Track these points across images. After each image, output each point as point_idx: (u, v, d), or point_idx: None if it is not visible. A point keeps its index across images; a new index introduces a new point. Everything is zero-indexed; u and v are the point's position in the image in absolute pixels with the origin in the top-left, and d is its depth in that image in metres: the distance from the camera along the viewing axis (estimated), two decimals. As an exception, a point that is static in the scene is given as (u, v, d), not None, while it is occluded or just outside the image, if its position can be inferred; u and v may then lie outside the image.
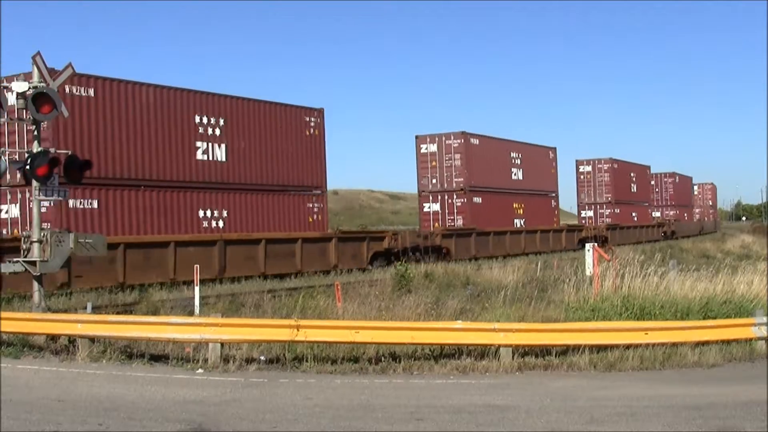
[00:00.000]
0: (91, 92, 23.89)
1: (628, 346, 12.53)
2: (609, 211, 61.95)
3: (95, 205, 23.69)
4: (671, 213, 78.52)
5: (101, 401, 9.81)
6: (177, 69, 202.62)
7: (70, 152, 16.22)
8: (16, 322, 13.45)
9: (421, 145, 43.11)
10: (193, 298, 17.54)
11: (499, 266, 26.42)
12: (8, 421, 8.66)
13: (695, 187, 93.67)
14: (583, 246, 43.06)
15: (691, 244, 54.28)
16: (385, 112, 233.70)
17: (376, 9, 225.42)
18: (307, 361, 12.28)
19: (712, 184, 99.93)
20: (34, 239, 14.43)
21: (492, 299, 17.73)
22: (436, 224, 41.49)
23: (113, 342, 13.07)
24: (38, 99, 14.25)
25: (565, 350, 12.67)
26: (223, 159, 28.00)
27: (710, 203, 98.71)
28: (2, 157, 14.57)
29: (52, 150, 15.12)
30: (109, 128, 24.38)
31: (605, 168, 62.79)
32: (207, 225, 27.18)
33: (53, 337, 13.52)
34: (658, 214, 76.77)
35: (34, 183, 14.39)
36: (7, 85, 14.79)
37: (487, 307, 16.96)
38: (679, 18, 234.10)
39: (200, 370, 11.90)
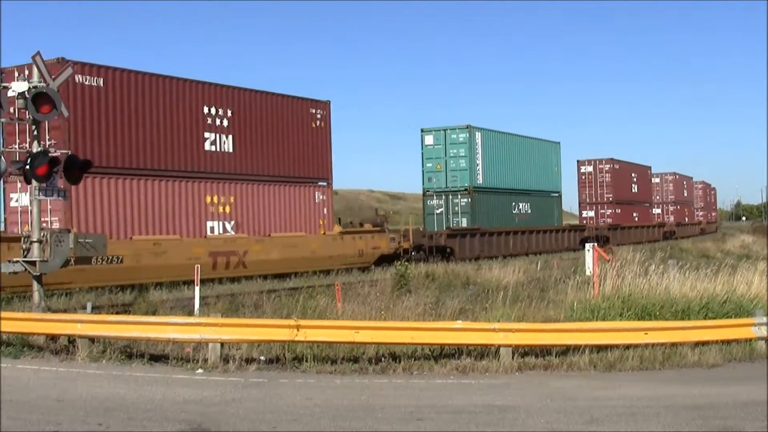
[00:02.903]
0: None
1: (628, 346, 12.52)
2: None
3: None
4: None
5: (101, 401, 9.81)
6: (184, 66, 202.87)
7: (69, 152, 16.22)
8: (16, 322, 13.45)
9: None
10: (193, 297, 17.54)
11: (499, 266, 26.41)
12: (8, 421, 8.66)
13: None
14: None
15: (691, 244, 54.23)
16: (386, 109, 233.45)
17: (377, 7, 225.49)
18: (307, 361, 12.28)
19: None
20: (34, 239, 14.43)
21: (492, 299, 17.72)
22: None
23: (113, 342, 13.08)
24: (38, 99, 14.25)
25: (565, 350, 12.66)
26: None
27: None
28: (2, 157, 14.56)
29: (52, 149, 15.11)
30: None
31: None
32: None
33: (53, 337, 13.52)
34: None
35: (34, 183, 14.39)
36: (7, 84, 14.77)
37: (487, 307, 16.95)
38: (679, 17, 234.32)
39: (200, 370, 11.90)
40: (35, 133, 14.68)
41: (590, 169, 58.03)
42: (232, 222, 28.33)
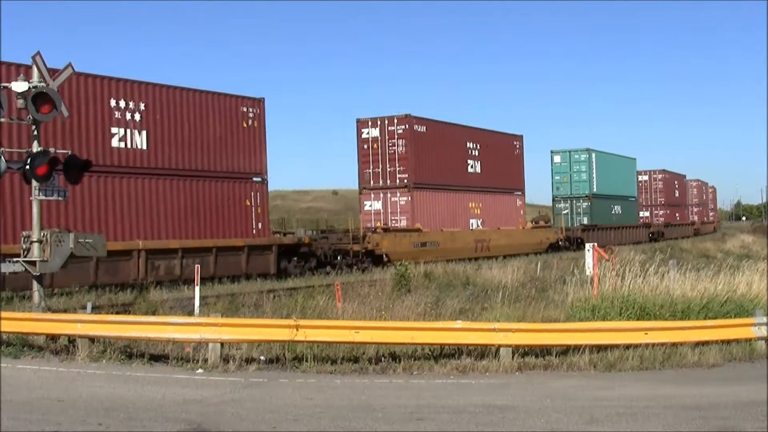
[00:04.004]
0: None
1: (628, 346, 12.52)
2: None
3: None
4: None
5: (101, 401, 9.81)
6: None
7: (69, 152, 16.21)
8: (16, 321, 13.43)
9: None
10: (193, 297, 17.54)
11: (499, 266, 26.41)
12: (8, 421, 8.66)
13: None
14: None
15: (691, 244, 54.44)
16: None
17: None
18: (307, 361, 12.28)
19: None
20: (34, 239, 14.41)
21: (492, 299, 17.72)
22: None
23: (113, 342, 13.06)
24: (38, 99, 14.24)
25: (565, 350, 12.66)
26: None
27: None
28: (2, 157, 14.55)
29: (52, 150, 15.10)
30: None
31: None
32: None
33: (53, 337, 13.51)
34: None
35: (34, 183, 14.37)
36: (7, 84, 14.75)
37: (487, 307, 16.95)
38: (679, 17, 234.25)
39: (200, 370, 11.90)
40: (35, 133, 14.68)
41: (646, 178, 73.57)
42: (481, 219, 43.29)
